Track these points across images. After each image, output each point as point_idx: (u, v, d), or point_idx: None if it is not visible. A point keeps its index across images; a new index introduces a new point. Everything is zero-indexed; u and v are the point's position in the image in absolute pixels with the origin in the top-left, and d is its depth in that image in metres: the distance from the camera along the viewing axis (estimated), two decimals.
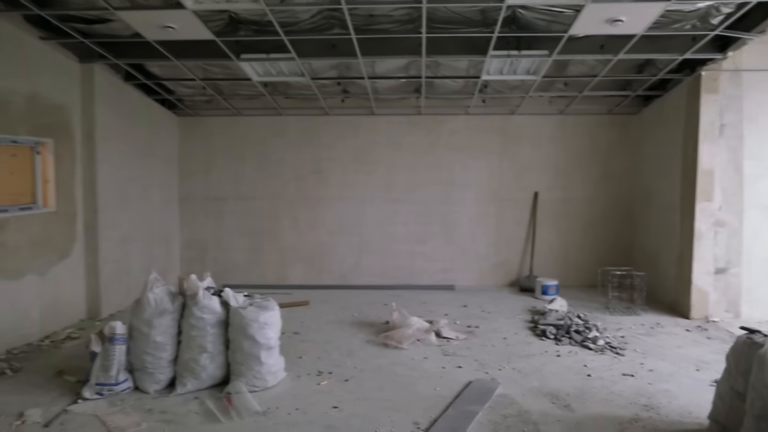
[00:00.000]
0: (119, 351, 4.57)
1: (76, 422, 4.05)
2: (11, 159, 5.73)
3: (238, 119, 8.76)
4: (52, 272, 6.17)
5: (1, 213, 5.52)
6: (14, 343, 5.61)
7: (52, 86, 6.08)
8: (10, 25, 5.44)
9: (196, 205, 8.89)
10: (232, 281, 8.48)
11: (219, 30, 5.82)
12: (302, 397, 4.49)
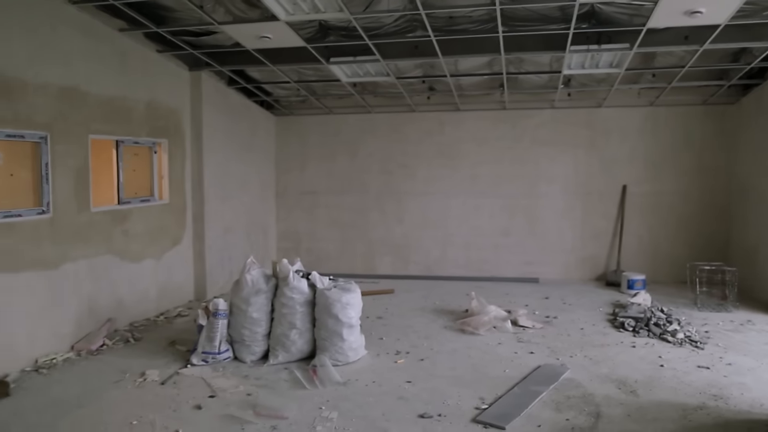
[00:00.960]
0: (221, 325, 5.20)
1: (186, 382, 4.69)
2: (134, 158, 6.57)
3: (330, 117, 9.33)
4: (166, 257, 6.99)
5: (126, 205, 6.37)
6: (136, 318, 6.45)
7: (166, 92, 6.88)
8: (133, 42, 6.25)
9: (291, 199, 9.57)
10: (323, 270, 8.97)
11: (310, 37, 6.33)
12: (379, 372, 4.90)
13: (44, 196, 5.24)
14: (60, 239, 5.38)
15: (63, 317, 5.43)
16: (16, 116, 4.91)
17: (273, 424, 3.92)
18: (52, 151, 5.27)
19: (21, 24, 4.91)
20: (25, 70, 4.96)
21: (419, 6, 5.34)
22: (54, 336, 5.32)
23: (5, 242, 4.86)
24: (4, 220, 4.87)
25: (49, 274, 5.28)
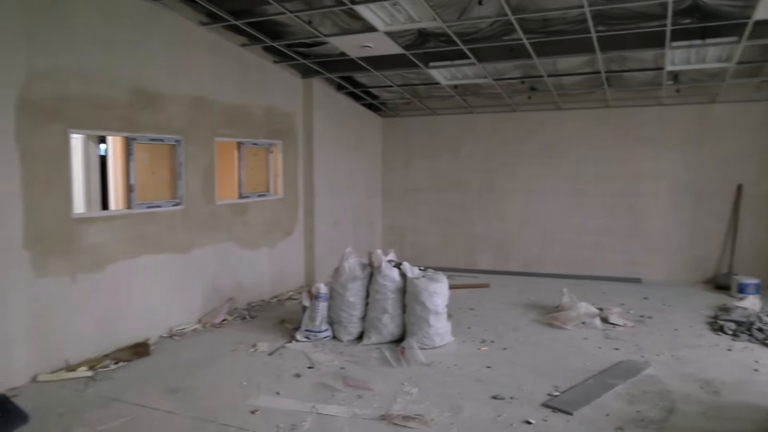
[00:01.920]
0: (322, 307, 5.81)
1: (290, 355, 5.35)
2: (252, 158, 7.40)
3: (433, 118, 9.75)
4: (280, 246, 7.78)
5: (245, 199, 7.20)
6: (253, 299, 7.27)
7: (281, 98, 7.65)
8: (252, 55, 7.05)
9: (396, 196, 10.11)
10: (425, 264, 9.47)
11: (410, 43, 6.79)
12: (462, 357, 5.27)
13: (178, 190, 6.14)
14: (191, 227, 6.27)
15: (192, 294, 6.33)
16: (158, 123, 5.82)
17: (359, 394, 4.43)
18: (185, 152, 6.16)
19: (162, 47, 5.81)
20: (165, 85, 5.86)
21: (508, 12, 5.61)
22: (185, 310, 6.22)
23: (150, 229, 5.79)
24: (149, 210, 5.81)
25: (182, 256, 6.17)
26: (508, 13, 5.63)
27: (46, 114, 4.74)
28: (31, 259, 4.69)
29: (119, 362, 5.12)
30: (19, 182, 4.59)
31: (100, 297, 5.27)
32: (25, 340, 4.67)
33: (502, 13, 5.83)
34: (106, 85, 5.24)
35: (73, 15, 4.93)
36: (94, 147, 6.80)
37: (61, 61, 4.84)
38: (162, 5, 5.74)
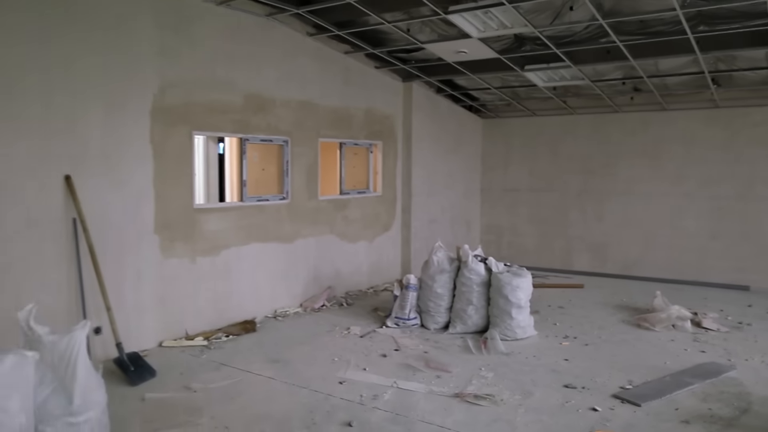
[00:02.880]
0: (411, 296, 6.21)
1: (379, 338, 5.80)
2: (353, 157, 7.95)
3: (532, 119, 9.84)
4: (377, 241, 8.28)
5: (346, 195, 7.77)
6: (351, 288, 7.82)
7: (382, 101, 8.15)
8: (354, 61, 7.60)
9: (494, 196, 10.30)
10: (522, 263, 9.54)
11: (506, 48, 7.01)
12: (542, 349, 5.45)
13: (285, 186, 6.80)
14: (295, 220, 6.91)
15: (295, 280, 6.96)
16: (268, 125, 6.50)
17: (438, 375, 4.78)
18: (291, 152, 6.81)
19: (273, 57, 6.48)
20: (274, 91, 6.53)
21: (598, 17, 5.70)
22: (288, 294, 6.87)
23: (259, 220, 6.48)
24: (258, 203, 6.50)
25: (287, 246, 6.83)
26: (598, 18, 5.72)
27: (174, 118, 5.53)
28: (160, 242, 5.49)
29: (230, 335, 5.83)
30: (151, 177, 5.39)
31: (215, 278, 6.02)
32: (154, 311, 5.47)
33: (595, 17, 5.93)
34: (224, 93, 5.98)
35: (198, 33, 5.69)
36: (214, 146, 7.63)
37: (188, 72, 5.61)
38: (274, 20, 6.41)
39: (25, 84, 4.49)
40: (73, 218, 4.79)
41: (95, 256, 4.84)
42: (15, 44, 4.41)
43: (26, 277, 4.51)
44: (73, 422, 2.66)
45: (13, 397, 2.39)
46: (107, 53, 4.98)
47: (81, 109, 4.84)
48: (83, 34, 4.82)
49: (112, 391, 3.80)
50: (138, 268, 5.31)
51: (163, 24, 5.38)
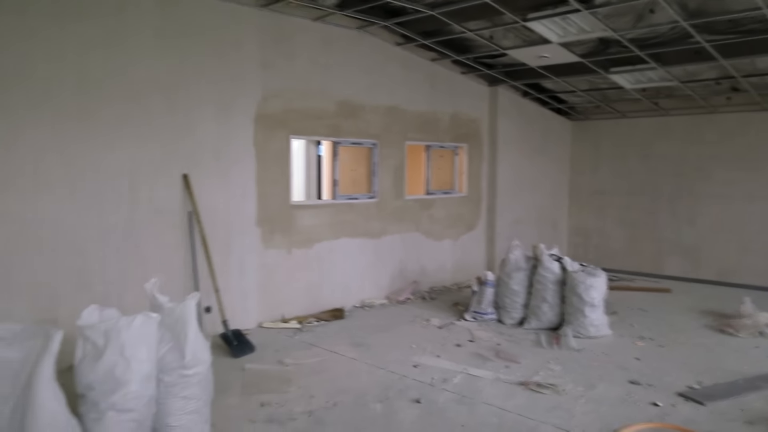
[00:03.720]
0: (489, 292, 6.52)
1: (456, 330, 6.18)
2: (439, 159, 8.35)
3: (622, 121, 9.76)
4: (462, 239, 8.62)
5: (431, 195, 8.18)
6: (435, 284, 8.22)
7: (468, 105, 8.48)
8: (441, 68, 8.00)
9: (582, 198, 10.30)
10: (609, 266, 9.56)
11: (590, 51, 7.13)
12: (614, 348, 5.59)
13: (373, 185, 7.32)
14: (382, 217, 7.42)
15: (382, 274, 7.47)
16: (358, 129, 7.05)
17: (507, 365, 5.08)
18: (379, 154, 7.32)
19: (363, 66, 7.02)
20: (364, 97, 7.07)
21: (678, 18, 5.75)
22: (375, 286, 7.39)
23: (349, 217, 7.05)
24: (349, 201, 7.07)
25: (374, 242, 7.35)
26: (678, 19, 5.76)
27: (274, 124, 6.19)
28: (261, 234, 6.18)
29: (320, 321, 6.42)
30: (254, 176, 6.09)
31: (308, 268, 6.64)
32: (256, 295, 6.17)
33: (680, 18, 5.95)
34: (319, 100, 6.58)
35: (295, 47, 6.33)
36: (314, 149, 8.31)
37: (287, 83, 6.26)
38: (364, 32, 6.94)
39: (154, 98, 5.29)
40: (189, 211, 5.56)
41: (207, 244, 5.58)
42: (150, 67, 5.22)
43: (152, 257, 5.30)
44: (185, 374, 3.27)
45: (141, 348, 3.02)
46: (220, 69, 5.72)
47: (198, 118, 5.60)
48: (201, 57, 5.57)
49: (217, 361, 4.46)
50: (242, 257, 6.02)
51: (265, 41, 6.06)
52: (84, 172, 4.91)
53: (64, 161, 4.80)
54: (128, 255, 5.18)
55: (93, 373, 2.95)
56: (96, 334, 2.98)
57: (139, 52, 5.18)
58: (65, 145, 4.80)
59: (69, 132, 4.81)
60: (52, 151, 4.74)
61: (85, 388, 2.97)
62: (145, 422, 3.10)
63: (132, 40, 5.13)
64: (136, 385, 2.99)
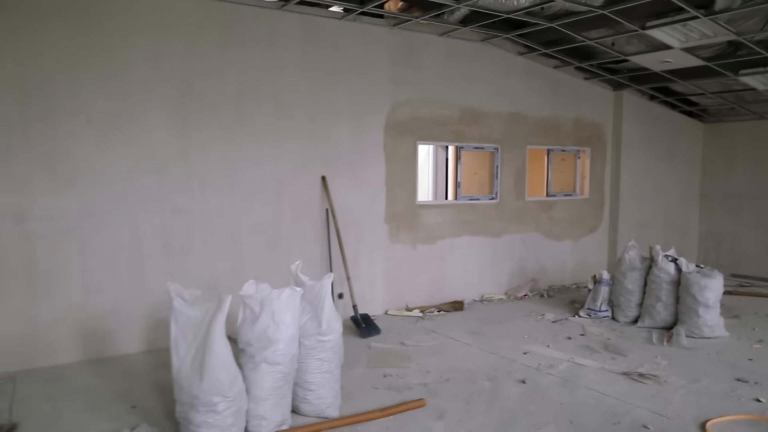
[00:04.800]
0: (604, 290, 6.73)
1: (569, 324, 6.48)
2: (560, 162, 8.59)
3: (760, 123, 9.31)
4: (583, 240, 8.78)
5: (552, 197, 8.45)
6: (554, 283, 8.48)
7: (590, 110, 8.63)
8: (563, 74, 8.25)
9: (714, 201, 9.94)
10: (744, 272, 9.20)
11: (718, 54, 7.04)
12: (727, 348, 5.60)
13: (494, 187, 7.78)
14: (502, 217, 7.85)
15: (501, 270, 7.90)
16: (480, 135, 7.55)
17: (614, 357, 5.34)
18: (501, 157, 7.76)
19: (485, 75, 7.51)
20: (486, 105, 7.55)
21: None
22: (494, 282, 7.84)
23: (470, 216, 7.58)
24: (470, 202, 7.60)
25: (494, 240, 7.80)
26: None
27: (401, 131, 6.89)
28: (388, 230, 6.91)
29: (441, 311, 7.01)
30: (383, 178, 6.82)
31: (431, 263, 7.26)
32: (383, 285, 6.90)
33: None
34: (443, 108, 7.18)
35: (422, 61, 6.98)
36: (443, 153, 8.89)
37: (414, 93, 6.93)
38: (488, 44, 7.43)
39: (297, 110, 6.19)
40: (326, 208, 6.41)
41: (340, 238, 6.39)
42: (294, 83, 6.15)
43: (294, 247, 6.19)
44: (321, 339, 4.01)
45: (287, 315, 3.79)
46: (355, 84, 6.52)
47: (334, 126, 6.44)
48: (338, 74, 6.41)
49: (347, 340, 5.24)
50: (371, 250, 6.78)
51: (395, 57, 6.78)
52: (239, 174, 5.92)
53: (225, 164, 5.83)
54: (274, 245, 6.12)
55: (251, 332, 3.77)
56: (253, 302, 3.80)
57: (286, 70, 6.11)
58: (225, 150, 5.83)
59: (228, 138, 5.83)
60: (216, 156, 5.78)
61: (245, 344, 3.79)
62: (289, 375, 3.87)
63: (280, 61, 6.06)
64: (283, 344, 3.76)
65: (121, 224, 5.35)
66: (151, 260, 5.48)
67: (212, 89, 5.71)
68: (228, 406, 3.43)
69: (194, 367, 3.47)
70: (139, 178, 5.40)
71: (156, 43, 5.39)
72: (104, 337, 5.32)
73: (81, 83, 5.09)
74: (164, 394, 4.30)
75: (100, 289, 5.26)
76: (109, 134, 5.23)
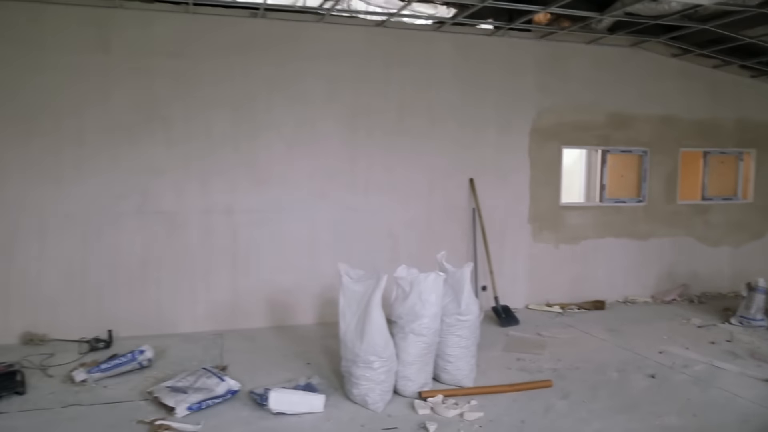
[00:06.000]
0: (759, 298, 6.59)
1: (716, 330, 6.47)
2: (719, 165, 8.35)
3: None
4: (745, 247, 8.44)
5: (708, 201, 8.26)
6: (708, 289, 8.26)
7: (756, 109, 8.26)
8: (725, 74, 8.01)
9: None
10: None
11: None
12: None
13: (642, 190, 7.86)
14: (650, 221, 7.89)
15: (647, 274, 7.95)
16: (627, 138, 7.69)
17: (759, 365, 5.30)
18: (650, 161, 7.81)
19: (634, 80, 7.62)
20: (636, 109, 7.67)
21: None
22: (639, 284, 7.91)
23: (615, 218, 7.75)
24: (615, 204, 7.77)
25: (640, 243, 7.88)
26: None
27: (546, 136, 7.31)
28: (531, 230, 7.37)
29: (580, 309, 7.31)
30: (528, 181, 7.30)
31: (573, 262, 7.57)
32: (525, 281, 7.38)
33: None
34: (589, 113, 7.46)
35: (568, 68, 7.32)
36: (596, 156, 9.00)
37: (559, 100, 7.31)
38: (638, 48, 7.55)
39: (447, 119, 6.91)
40: (473, 208, 7.05)
41: (485, 235, 7.00)
42: (447, 95, 6.87)
43: (442, 242, 6.82)
44: (460, 319, 4.68)
45: (432, 295, 4.50)
46: (501, 94, 7.09)
47: (482, 133, 7.05)
48: (486, 86, 7.01)
49: (487, 327, 5.95)
50: (514, 247, 7.29)
51: (541, 67, 7.21)
52: (397, 177, 6.77)
53: (385, 169, 6.73)
54: (425, 239, 6.87)
55: (401, 307, 4.55)
56: (404, 283, 4.57)
57: (438, 84, 6.85)
58: (386, 156, 6.72)
59: (389, 146, 6.73)
60: (378, 162, 6.70)
61: (396, 317, 4.58)
62: (432, 346, 4.59)
63: (433, 76, 6.83)
64: (427, 319, 4.49)
65: (302, 218, 6.49)
66: (324, 248, 6.55)
67: (376, 104, 6.63)
68: (382, 364, 4.23)
69: (356, 331, 4.32)
70: (317, 180, 6.51)
71: (331, 69, 6.45)
72: (286, 309, 6.48)
73: (274, 104, 6.30)
74: (332, 356, 5.25)
75: (284, 269, 6.44)
76: (294, 145, 6.39)
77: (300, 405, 4.17)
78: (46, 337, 5.77)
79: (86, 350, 5.48)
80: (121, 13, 5.83)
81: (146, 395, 4.42)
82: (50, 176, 5.77)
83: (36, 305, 5.81)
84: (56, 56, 5.69)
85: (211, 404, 4.23)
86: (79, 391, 4.56)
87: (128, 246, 6.03)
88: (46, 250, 5.82)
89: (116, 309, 5.99)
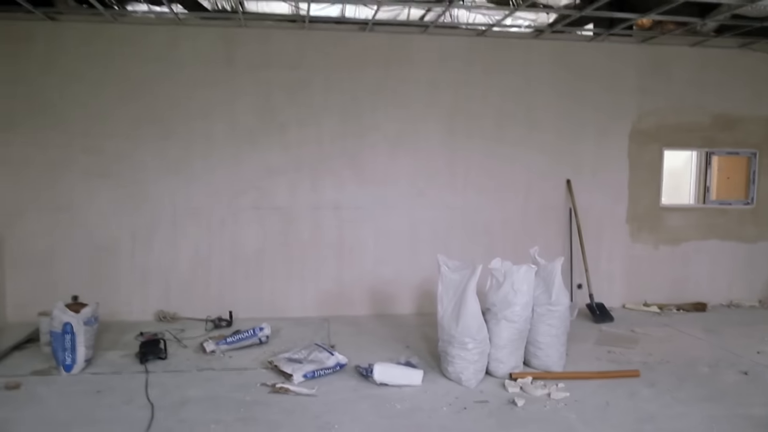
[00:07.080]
0: None
1: None
2: None
3: None
4: None
5: None
6: None
7: None
8: None
9: None
10: None
11: None
12: None
13: (750, 193, 7.68)
14: (758, 223, 7.69)
15: (755, 277, 7.73)
16: (734, 140, 7.55)
17: None
18: (759, 163, 7.61)
19: (743, 81, 7.44)
20: (744, 110, 7.50)
21: None
22: (746, 288, 7.71)
23: (719, 221, 7.63)
24: (720, 207, 7.65)
25: (748, 246, 7.69)
26: None
27: (646, 138, 7.35)
28: (629, 230, 7.44)
29: (680, 310, 7.28)
30: (627, 182, 7.38)
31: (673, 263, 7.54)
32: (621, 280, 7.45)
33: None
34: (692, 115, 7.41)
35: (670, 71, 7.32)
36: (704, 158, 8.77)
37: (660, 103, 7.33)
38: (747, 49, 7.39)
39: (547, 124, 7.15)
40: (570, 208, 7.24)
41: (581, 234, 7.17)
42: (546, 102, 7.13)
43: (538, 240, 6.99)
44: (550, 309, 4.97)
45: (524, 285, 4.82)
46: (600, 98, 7.23)
47: (580, 136, 7.23)
48: (585, 90, 7.18)
49: (582, 323, 6.21)
50: (611, 247, 7.40)
51: (642, 71, 7.27)
52: (495, 177, 7.12)
53: (483, 169, 7.09)
54: (520, 236, 7.15)
55: (495, 296, 4.92)
56: (498, 273, 4.94)
57: (537, 89, 7.12)
58: (484, 158, 7.09)
59: (487, 149, 7.08)
60: (477, 163, 7.08)
61: (490, 305, 4.95)
62: (523, 332, 4.92)
63: (532, 82, 7.11)
64: (519, 307, 4.83)
65: (402, 215, 7.01)
66: (423, 243, 7.02)
67: (476, 109, 7.02)
68: (475, 346, 4.64)
69: (453, 315, 4.76)
70: (417, 180, 7.00)
71: (432, 76, 6.91)
72: (386, 298, 7.02)
73: (377, 107, 6.85)
74: (429, 342, 5.71)
75: (385, 261, 6.99)
76: (396, 147, 6.92)
77: (401, 378, 4.66)
78: (177, 315, 6.67)
79: (211, 328, 6.30)
80: (245, 31, 6.61)
81: (266, 364, 5.09)
82: (182, 174, 6.65)
83: (168, 287, 6.72)
84: (189, 70, 6.56)
85: (323, 374, 4.82)
86: (210, 359, 5.32)
87: (246, 237, 6.81)
88: (177, 240, 6.71)
89: (235, 293, 6.79)
